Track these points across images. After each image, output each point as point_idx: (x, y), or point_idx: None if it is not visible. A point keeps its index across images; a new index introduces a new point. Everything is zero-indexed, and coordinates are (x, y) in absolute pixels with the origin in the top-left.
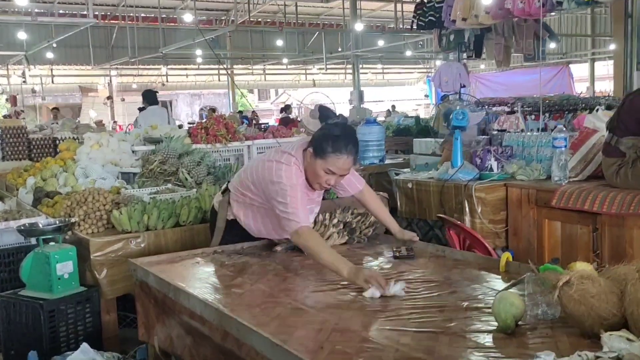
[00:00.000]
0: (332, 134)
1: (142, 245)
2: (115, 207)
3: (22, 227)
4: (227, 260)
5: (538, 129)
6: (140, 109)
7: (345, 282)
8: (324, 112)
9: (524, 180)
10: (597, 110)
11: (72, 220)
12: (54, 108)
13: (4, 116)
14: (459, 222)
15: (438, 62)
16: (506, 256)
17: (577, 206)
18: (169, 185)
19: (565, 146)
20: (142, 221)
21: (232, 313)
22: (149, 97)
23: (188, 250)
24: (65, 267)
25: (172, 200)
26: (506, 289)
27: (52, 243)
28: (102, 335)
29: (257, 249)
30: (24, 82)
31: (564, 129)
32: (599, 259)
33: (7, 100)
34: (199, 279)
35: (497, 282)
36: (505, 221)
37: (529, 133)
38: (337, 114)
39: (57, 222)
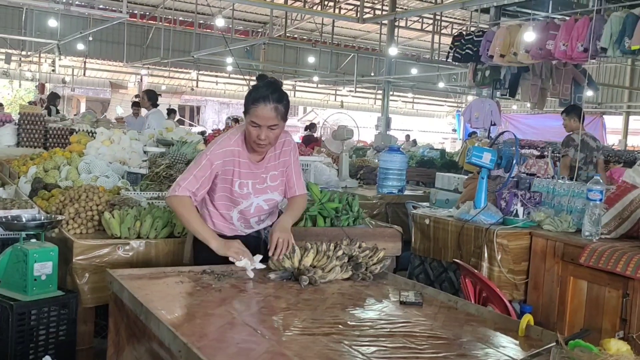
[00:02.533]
0: (253, 88)
1: (130, 253)
2: (109, 208)
3: (3, 219)
4: (215, 283)
5: (571, 178)
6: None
7: (342, 328)
8: (259, 78)
9: (551, 231)
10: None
11: (59, 218)
12: (134, 104)
13: (30, 102)
14: (476, 271)
15: (470, 98)
16: (527, 319)
17: (607, 267)
18: None
19: (601, 199)
20: (134, 227)
21: (202, 351)
22: (154, 98)
23: (179, 264)
24: (44, 268)
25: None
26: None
27: (33, 240)
28: (75, 347)
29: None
30: (53, 71)
31: (601, 180)
32: (626, 327)
33: (36, 87)
34: (178, 302)
35: (514, 349)
36: (526, 273)
37: (560, 181)
38: (273, 78)
39: (42, 218)
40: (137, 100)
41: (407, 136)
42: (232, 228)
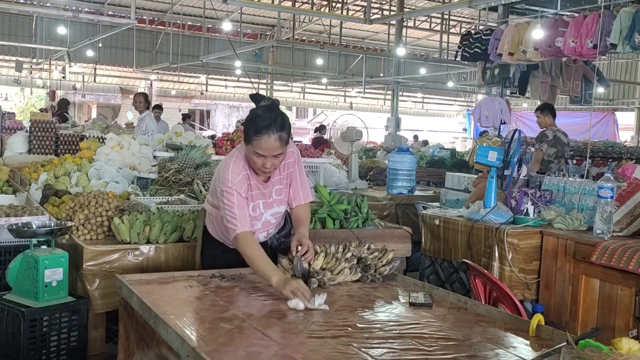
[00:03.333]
0: (252, 116)
1: (140, 258)
2: (118, 213)
3: (14, 227)
4: (224, 286)
5: (582, 175)
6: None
7: (351, 330)
8: (255, 99)
9: (562, 229)
10: None
11: (68, 224)
12: (156, 106)
13: (41, 110)
14: (486, 272)
15: (479, 97)
16: (537, 318)
17: (620, 265)
18: (182, 196)
19: (612, 197)
20: (143, 232)
21: (210, 356)
22: (148, 101)
23: (189, 269)
24: (55, 274)
25: (180, 212)
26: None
27: (44, 247)
28: (87, 352)
29: (258, 276)
30: (64, 77)
31: (612, 178)
32: None
33: (47, 94)
34: (187, 306)
35: (524, 349)
36: (538, 272)
37: (571, 178)
38: (269, 98)
39: (52, 224)
40: (157, 103)
41: (415, 136)
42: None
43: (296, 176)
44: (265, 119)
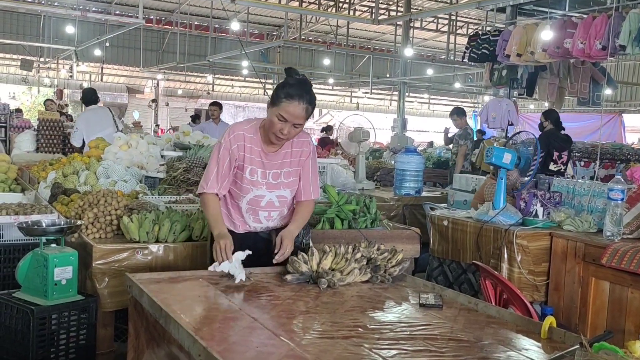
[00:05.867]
0: (286, 83)
1: (149, 257)
2: (127, 212)
3: (23, 225)
4: (234, 285)
5: (591, 177)
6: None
7: (362, 331)
8: (289, 72)
9: (571, 231)
10: None
11: (78, 222)
12: (213, 103)
13: (47, 100)
14: (496, 273)
15: (486, 98)
16: (549, 321)
17: (630, 267)
18: (190, 196)
19: (622, 199)
20: (152, 231)
21: (222, 355)
22: (87, 96)
23: (198, 268)
24: (64, 272)
25: (189, 212)
26: None
27: (53, 245)
28: (95, 351)
29: (267, 276)
30: (71, 76)
31: (622, 180)
32: None
33: (54, 93)
34: (197, 305)
35: (536, 352)
36: (547, 274)
37: (580, 180)
38: (304, 75)
39: (62, 223)
40: (215, 101)
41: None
42: (243, 220)
43: (309, 168)
44: (300, 88)
